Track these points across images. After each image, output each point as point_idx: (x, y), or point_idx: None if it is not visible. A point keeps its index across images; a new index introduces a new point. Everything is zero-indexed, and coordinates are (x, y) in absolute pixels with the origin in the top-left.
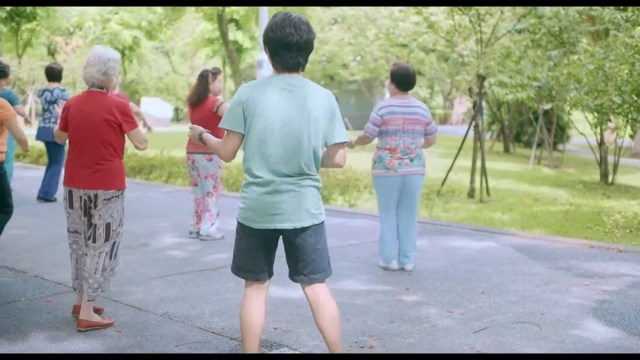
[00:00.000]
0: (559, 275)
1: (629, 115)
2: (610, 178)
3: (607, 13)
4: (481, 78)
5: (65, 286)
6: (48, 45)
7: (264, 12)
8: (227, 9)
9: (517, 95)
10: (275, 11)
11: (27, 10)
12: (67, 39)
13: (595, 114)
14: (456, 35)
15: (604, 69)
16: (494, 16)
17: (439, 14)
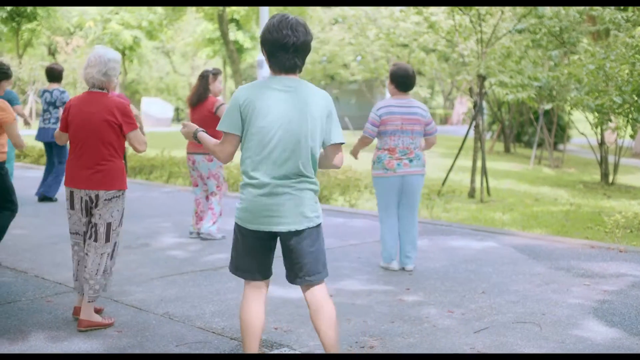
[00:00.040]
0: (559, 275)
1: (630, 115)
2: (610, 178)
3: (607, 13)
4: (482, 78)
5: (65, 286)
6: (48, 45)
7: (264, 12)
8: (227, 9)
9: (518, 95)
10: (275, 11)
11: (28, 10)
12: (68, 39)
13: (596, 114)
14: (457, 35)
15: (605, 69)
16: (495, 16)
17: (440, 14)
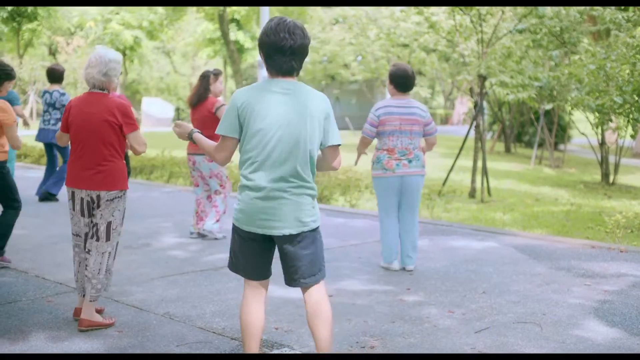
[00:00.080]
0: (560, 275)
1: (630, 115)
2: (611, 178)
3: (608, 13)
4: (482, 78)
5: (66, 286)
6: (49, 45)
7: (265, 12)
8: (228, 9)
9: (518, 95)
10: (276, 11)
11: (29, 10)
12: (68, 39)
13: (597, 114)
14: (457, 35)
15: (605, 69)
16: (495, 16)
17: (440, 14)
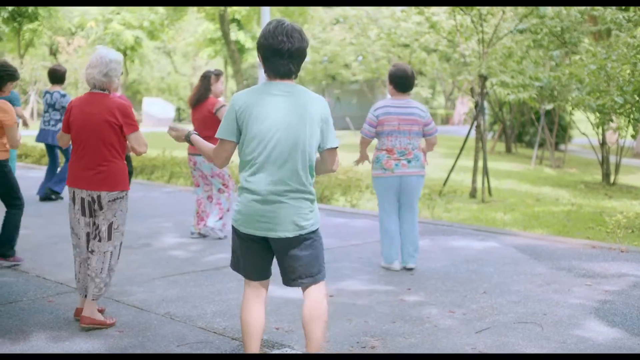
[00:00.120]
0: (560, 275)
1: (631, 116)
2: (612, 178)
3: (609, 13)
4: (483, 78)
5: (67, 286)
6: (50, 45)
7: (265, 12)
8: (228, 9)
9: (519, 96)
10: (277, 11)
11: (29, 10)
12: (69, 39)
13: (597, 114)
14: (458, 36)
15: (606, 69)
16: (496, 16)
17: (441, 14)
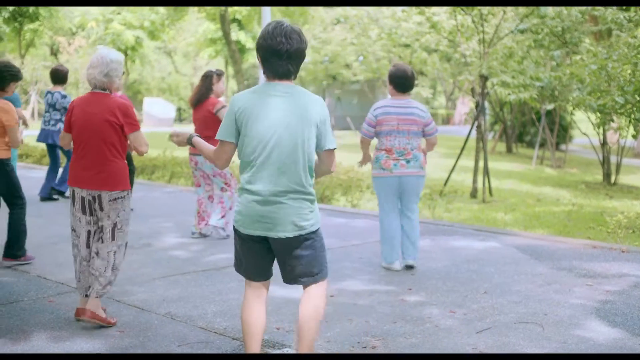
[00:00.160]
0: (561, 275)
1: (632, 115)
2: (612, 178)
3: (609, 13)
4: (484, 78)
5: (67, 286)
6: (51, 45)
7: (266, 12)
8: (229, 9)
9: (520, 96)
10: (277, 11)
11: (30, 10)
12: (70, 39)
13: (598, 114)
14: (459, 36)
15: (607, 69)
16: (497, 16)
17: (442, 14)
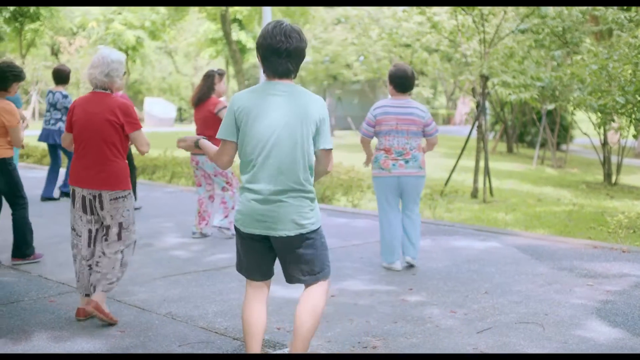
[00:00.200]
0: (562, 275)
1: (633, 116)
2: (613, 178)
3: (610, 13)
4: (484, 78)
5: (68, 286)
6: (51, 45)
7: (267, 12)
8: (230, 9)
9: (521, 96)
10: (278, 11)
11: (31, 10)
12: (71, 39)
13: (599, 114)
14: (459, 36)
15: (608, 69)
16: (497, 16)
17: (442, 14)
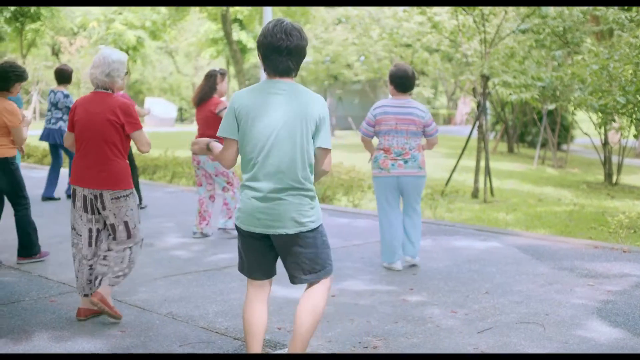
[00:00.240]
0: (563, 275)
1: (633, 115)
2: (614, 178)
3: (611, 13)
4: (485, 78)
5: (69, 286)
6: (52, 45)
7: (267, 12)
8: (231, 9)
9: (521, 96)
10: (279, 11)
11: (32, 10)
12: (71, 39)
13: (600, 114)
14: (460, 36)
15: (608, 69)
16: (498, 16)
17: (443, 14)
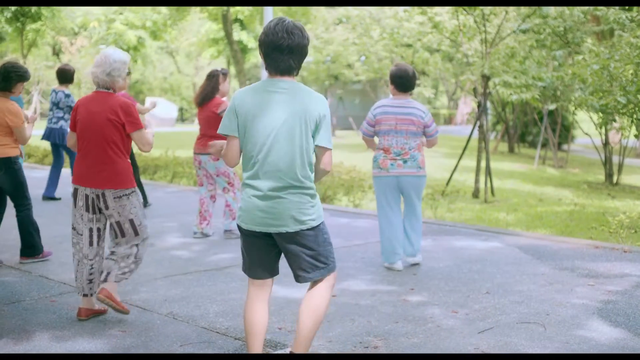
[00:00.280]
0: (563, 275)
1: (634, 116)
2: (615, 178)
3: (612, 13)
4: (486, 78)
5: (70, 286)
6: (53, 45)
7: (268, 12)
8: (231, 9)
9: (522, 96)
10: (279, 11)
11: (32, 10)
12: (72, 39)
13: (600, 114)
14: (461, 36)
15: (609, 69)
16: (499, 16)
17: (444, 14)
